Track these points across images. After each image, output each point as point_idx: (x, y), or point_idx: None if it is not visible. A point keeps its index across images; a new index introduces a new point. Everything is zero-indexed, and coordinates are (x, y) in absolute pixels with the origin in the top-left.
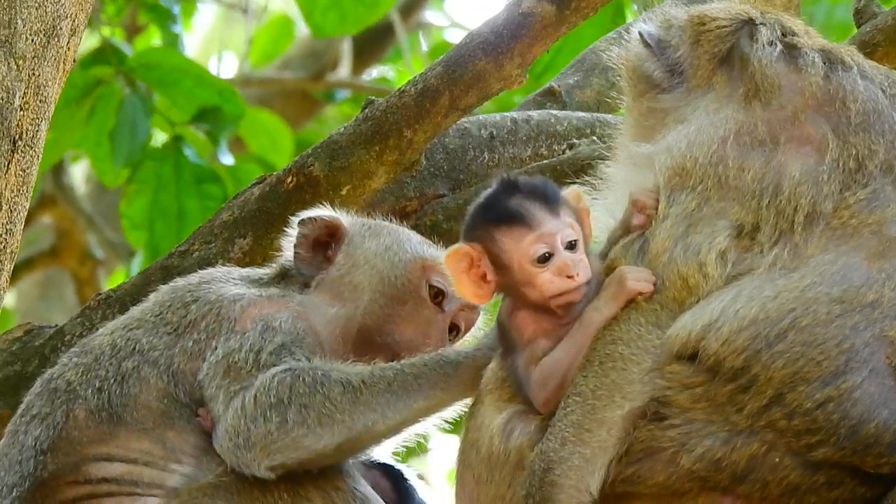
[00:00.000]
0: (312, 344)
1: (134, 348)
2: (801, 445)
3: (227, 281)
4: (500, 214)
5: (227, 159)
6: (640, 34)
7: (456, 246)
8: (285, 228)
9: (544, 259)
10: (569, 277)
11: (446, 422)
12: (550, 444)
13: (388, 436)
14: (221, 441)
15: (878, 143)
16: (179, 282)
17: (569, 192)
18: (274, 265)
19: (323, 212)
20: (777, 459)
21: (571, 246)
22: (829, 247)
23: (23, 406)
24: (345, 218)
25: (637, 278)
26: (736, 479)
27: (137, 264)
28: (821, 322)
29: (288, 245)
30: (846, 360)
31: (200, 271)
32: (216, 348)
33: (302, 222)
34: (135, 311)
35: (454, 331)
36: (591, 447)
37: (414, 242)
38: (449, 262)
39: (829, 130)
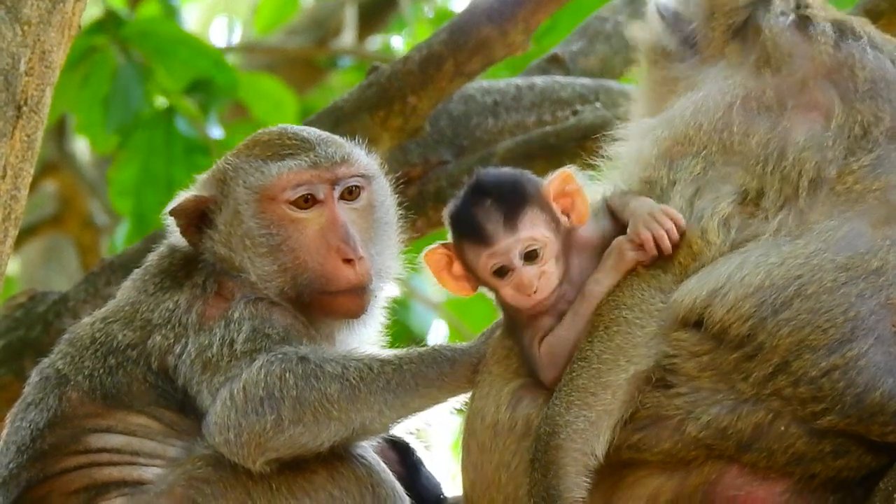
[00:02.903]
0: (281, 314)
1: (112, 345)
2: (807, 413)
3: (174, 282)
4: (461, 227)
5: (217, 132)
6: (657, 7)
7: (433, 246)
8: None
9: (502, 273)
10: (526, 294)
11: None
12: (556, 409)
13: (384, 432)
14: (213, 434)
15: (885, 111)
16: (138, 283)
17: (556, 176)
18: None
19: (183, 196)
20: (783, 428)
21: (532, 256)
22: (834, 213)
23: (21, 396)
24: (209, 184)
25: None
26: (742, 448)
27: (122, 233)
28: (826, 289)
29: (178, 240)
30: (852, 327)
31: (143, 269)
32: (188, 346)
33: (172, 213)
34: (112, 304)
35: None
36: (597, 410)
37: (253, 181)
38: (427, 261)
39: (837, 96)
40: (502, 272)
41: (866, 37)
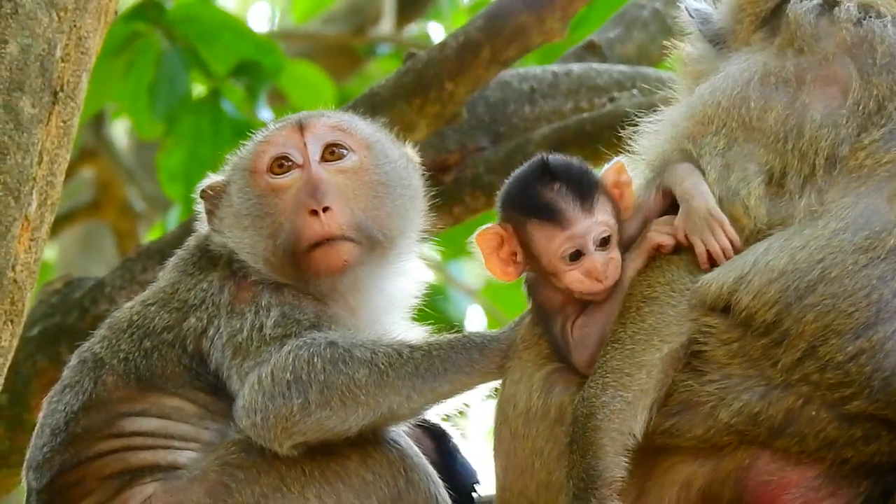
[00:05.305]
0: (307, 299)
1: (149, 327)
2: (836, 398)
3: (210, 262)
4: (532, 208)
5: (266, 114)
6: (686, 8)
7: (488, 226)
8: None
9: (575, 257)
10: (597, 279)
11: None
12: (592, 391)
13: (412, 417)
14: (241, 418)
15: None
16: (179, 263)
17: (610, 166)
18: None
19: (211, 178)
20: (813, 413)
21: (605, 242)
22: (848, 190)
23: (60, 379)
24: (226, 172)
25: (659, 231)
26: (774, 433)
27: (175, 217)
28: (848, 272)
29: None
30: (876, 310)
31: (184, 249)
32: (220, 329)
33: (201, 194)
34: (153, 287)
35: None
36: (633, 391)
37: (240, 163)
38: (479, 241)
39: (855, 70)
40: (575, 256)
41: (890, 15)
